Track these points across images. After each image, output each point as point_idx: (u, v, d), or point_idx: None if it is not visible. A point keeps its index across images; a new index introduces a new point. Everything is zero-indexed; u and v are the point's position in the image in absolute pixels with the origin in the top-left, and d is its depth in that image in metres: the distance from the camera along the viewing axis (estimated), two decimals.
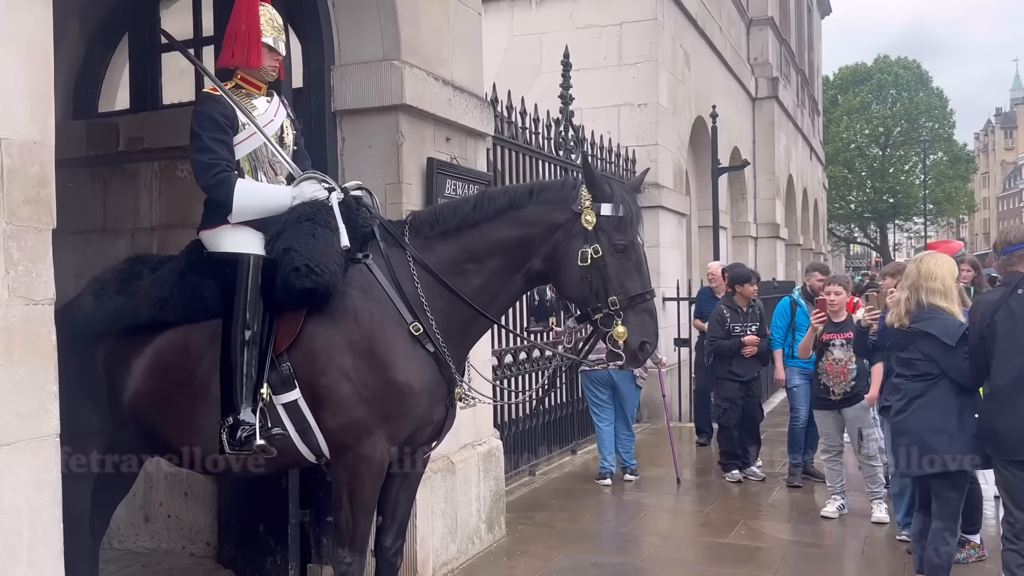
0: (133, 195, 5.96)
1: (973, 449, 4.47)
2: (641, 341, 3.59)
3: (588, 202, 3.63)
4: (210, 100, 3.77)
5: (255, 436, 3.52)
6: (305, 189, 3.77)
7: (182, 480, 5.65)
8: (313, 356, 3.63)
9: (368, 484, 3.63)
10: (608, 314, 3.59)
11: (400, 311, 3.65)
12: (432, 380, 3.68)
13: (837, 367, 6.62)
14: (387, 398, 3.58)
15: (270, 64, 3.91)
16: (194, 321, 3.77)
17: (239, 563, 5.23)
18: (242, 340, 3.57)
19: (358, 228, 3.77)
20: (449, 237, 3.75)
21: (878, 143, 55.18)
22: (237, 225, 3.74)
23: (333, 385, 3.59)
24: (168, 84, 6.09)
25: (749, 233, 17.87)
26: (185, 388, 3.74)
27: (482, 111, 5.98)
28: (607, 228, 3.61)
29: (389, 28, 5.08)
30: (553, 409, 8.77)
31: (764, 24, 19.43)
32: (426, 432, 3.78)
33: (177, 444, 3.79)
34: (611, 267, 3.58)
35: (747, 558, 5.91)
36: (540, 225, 3.69)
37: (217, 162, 3.66)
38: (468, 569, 5.55)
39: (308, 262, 3.49)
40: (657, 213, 11.25)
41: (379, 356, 3.60)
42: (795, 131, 23.06)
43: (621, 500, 7.53)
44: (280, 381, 3.64)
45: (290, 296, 3.56)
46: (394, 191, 5.06)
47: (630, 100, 11.61)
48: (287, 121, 4.04)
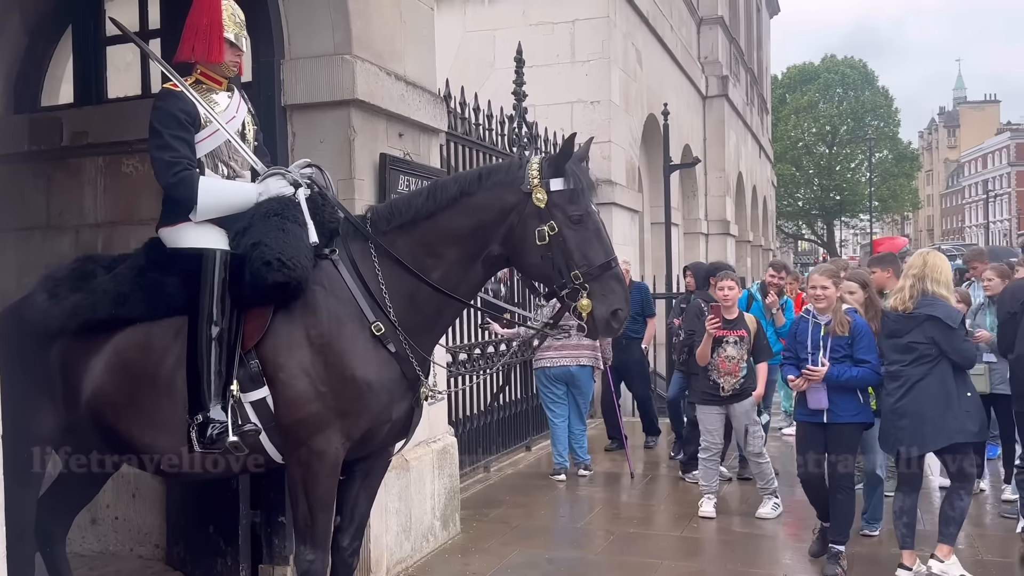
0: (77, 191, 5.84)
1: (971, 422, 5.03)
2: (612, 308, 3.53)
3: (537, 180, 3.57)
4: (171, 96, 3.68)
5: (227, 433, 3.46)
6: (271, 185, 3.71)
7: (130, 481, 5.54)
8: (279, 353, 3.58)
9: (323, 479, 3.58)
10: (574, 288, 3.53)
11: (362, 309, 3.61)
12: (393, 378, 3.63)
13: (730, 364, 6.60)
14: (344, 394, 3.54)
15: (231, 60, 3.84)
16: (156, 318, 3.69)
17: (189, 565, 5.15)
18: (209, 337, 3.51)
19: (325, 223, 3.73)
20: (406, 231, 3.70)
21: (825, 141, 56.19)
22: (200, 222, 3.67)
23: (291, 380, 3.55)
24: (113, 78, 5.97)
25: (700, 230, 18.07)
26: (148, 385, 3.67)
27: (435, 107, 5.95)
28: (560, 202, 3.55)
29: (340, 22, 5.03)
30: (507, 406, 8.77)
31: (714, 23, 19.64)
32: (384, 429, 3.73)
33: (140, 443, 3.70)
34: (570, 240, 3.52)
35: (700, 551, 5.97)
36: (492, 210, 3.63)
37: (178, 160, 3.59)
38: (423, 567, 5.53)
39: (280, 256, 3.44)
40: (610, 210, 11.30)
41: (337, 352, 3.56)
42: (745, 129, 23.36)
43: (575, 495, 7.56)
44: (248, 378, 3.58)
45: (260, 290, 3.50)
46: (346, 187, 5.01)
47: (583, 97, 11.66)
48: (248, 117, 3.98)
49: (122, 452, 3.85)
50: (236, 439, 3.49)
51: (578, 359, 7.89)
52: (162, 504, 5.46)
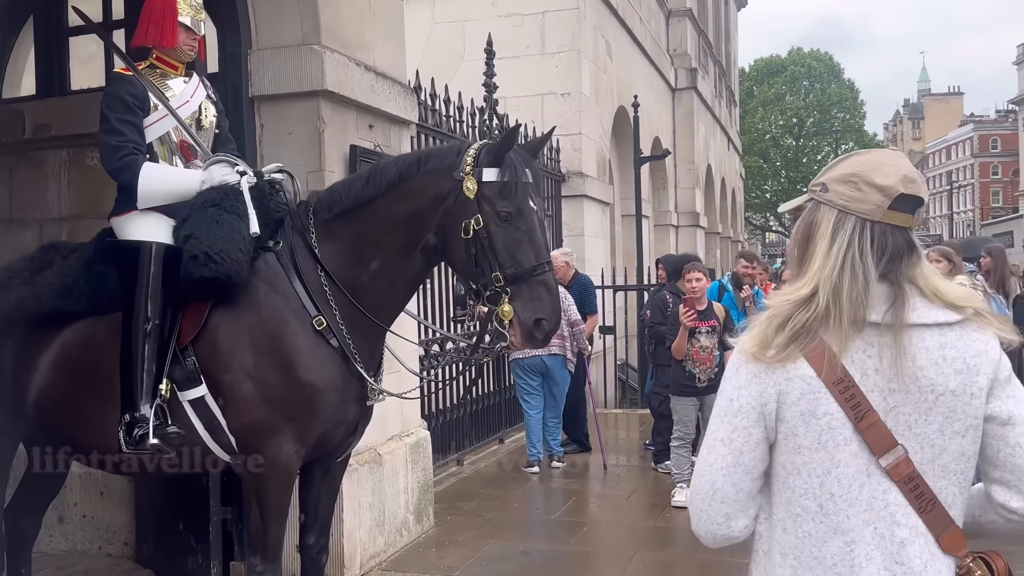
0: (41, 184, 5.74)
1: None
2: (536, 317, 3.23)
3: (470, 168, 3.32)
4: (120, 80, 3.60)
5: (149, 435, 3.34)
6: (215, 173, 3.57)
7: (97, 479, 5.46)
8: (217, 351, 3.45)
9: (276, 488, 3.45)
10: (496, 291, 3.27)
11: (304, 304, 3.46)
12: (339, 377, 3.48)
13: (703, 354, 6.63)
14: (291, 398, 3.40)
15: (187, 44, 3.74)
16: (101, 312, 3.58)
17: (159, 562, 5.09)
18: (143, 332, 3.39)
19: (270, 214, 3.58)
20: (346, 218, 3.52)
21: (792, 134, 56.70)
22: (147, 211, 3.56)
23: (236, 384, 3.41)
24: (77, 69, 5.87)
25: (670, 222, 18.13)
26: (89, 383, 3.57)
27: (405, 98, 5.90)
28: (489, 195, 3.28)
29: (308, 11, 4.96)
30: (481, 399, 8.75)
31: (683, 15, 19.69)
32: (339, 432, 3.60)
33: (83, 442, 3.62)
34: (496, 238, 3.26)
35: (672, 540, 6.00)
36: (428, 196, 3.40)
37: (124, 145, 3.49)
38: (396, 561, 5.50)
39: (207, 250, 3.30)
40: (581, 202, 11.31)
41: (281, 353, 3.41)
42: (713, 122, 23.47)
43: (549, 487, 7.57)
44: (185, 377, 3.45)
45: (191, 285, 3.37)
46: (316, 179, 4.95)
47: (553, 89, 11.64)
48: (207, 102, 3.86)
49: (74, 452, 3.75)
50: (157, 441, 3.35)
51: (549, 348, 7.80)
52: (131, 501, 5.39)
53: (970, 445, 1.66)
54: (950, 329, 1.66)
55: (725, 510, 1.72)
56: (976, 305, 1.68)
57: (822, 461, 1.65)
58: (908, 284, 1.68)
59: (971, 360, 1.64)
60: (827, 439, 1.64)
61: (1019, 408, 1.67)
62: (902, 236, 1.69)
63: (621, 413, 11.31)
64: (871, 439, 1.63)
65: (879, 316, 1.65)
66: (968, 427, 1.65)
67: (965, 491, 1.68)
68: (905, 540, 1.64)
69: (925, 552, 1.64)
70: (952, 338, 1.65)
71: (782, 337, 1.67)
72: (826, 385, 1.63)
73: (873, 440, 1.63)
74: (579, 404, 8.85)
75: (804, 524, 1.68)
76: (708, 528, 1.75)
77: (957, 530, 1.66)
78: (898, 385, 1.63)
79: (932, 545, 1.64)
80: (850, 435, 1.64)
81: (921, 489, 1.63)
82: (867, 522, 1.64)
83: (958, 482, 1.66)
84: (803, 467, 1.67)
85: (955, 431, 1.64)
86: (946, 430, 1.64)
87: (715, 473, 1.72)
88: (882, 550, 1.64)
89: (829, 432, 1.64)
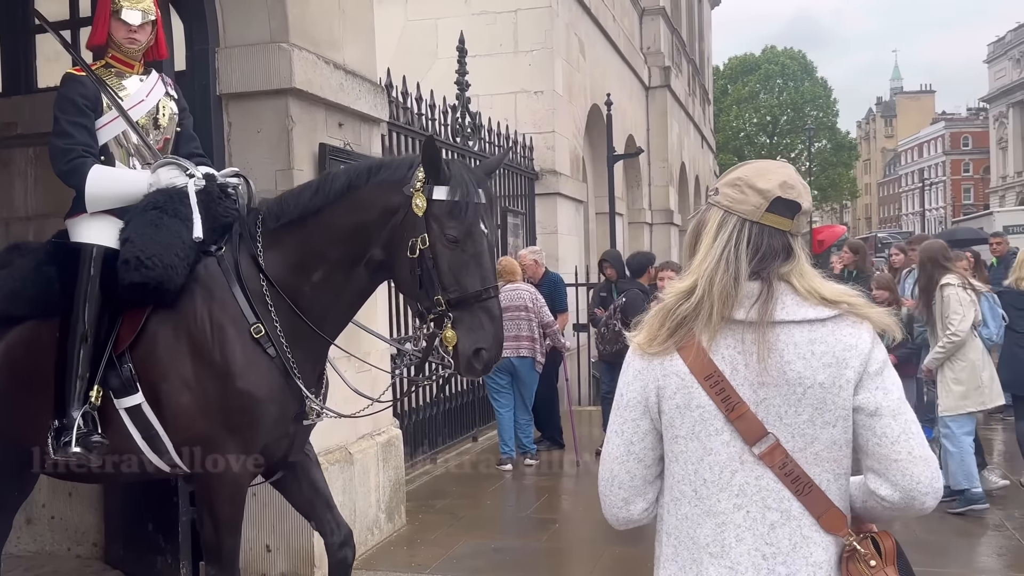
0: (7, 183, 5.68)
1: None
2: (475, 347, 3.13)
3: (420, 184, 3.18)
4: (72, 81, 3.54)
5: (71, 443, 3.28)
6: (162, 176, 3.49)
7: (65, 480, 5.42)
8: (154, 359, 3.38)
9: (226, 500, 3.39)
10: (440, 314, 3.16)
11: (243, 311, 3.36)
12: (279, 388, 3.37)
13: None
14: (229, 409, 3.32)
15: (125, 37, 3.62)
16: (46, 315, 3.53)
17: (128, 563, 5.06)
18: (79, 336, 3.34)
19: (218, 219, 3.48)
20: (293, 227, 3.41)
21: (766, 132, 57.10)
22: (98, 214, 3.51)
23: (174, 394, 3.34)
24: (43, 67, 5.80)
25: (644, 219, 18.20)
26: (30, 387, 3.51)
27: (376, 96, 5.89)
28: (439, 214, 3.15)
29: (276, 8, 4.94)
30: (453, 397, 8.76)
31: (656, 13, 19.76)
32: (283, 444, 3.50)
33: (27, 445, 3.54)
34: (442, 260, 3.14)
35: (644, 537, 6.01)
36: (375, 209, 3.28)
37: (72, 147, 3.44)
38: (367, 560, 5.49)
39: (139, 254, 3.23)
40: (555, 200, 11.33)
41: (218, 363, 3.32)
42: (687, 120, 23.57)
43: (522, 484, 7.59)
44: (121, 384, 3.38)
45: (124, 290, 3.31)
46: (285, 177, 4.94)
47: (526, 87, 11.64)
48: (165, 99, 3.77)
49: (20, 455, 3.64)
50: (79, 449, 3.29)
51: (518, 350, 7.83)
52: (99, 502, 5.35)
53: (841, 434, 1.76)
54: (822, 325, 1.75)
55: (623, 495, 1.91)
56: (850, 300, 1.77)
57: (696, 450, 1.79)
58: (780, 282, 1.77)
59: (840, 354, 1.73)
60: (700, 429, 1.77)
61: (887, 400, 1.75)
62: (779, 238, 1.79)
63: (595, 410, 11.31)
64: (742, 429, 1.75)
65: (745, 313, 1.75)
66: (838, 417, 1.74)
67: (842, 476, 1.78)
68: (775, 523, 1.75)
69: (796, 534, 1.75)
70: (823, 333, 1.74)
71: (664, 330, 1.79)
72: (697, 380, 1.75)
73: (744, 430, 1.75)
74: (553, 402, 8.87)
75: (682, 507, 1.83)
76: (610, 512, 1.95)
77: (836, 510, 1.76)
78: (767, 379, 1.73)
79: (807, 528, 1.75)
80: (722, 425, 1.76)
81: (796, 474, 1.74)
82: (738, 506, 1.76)
83: (832, 468, 1.76)
84: (680, 455, 1.81)
85: (825, 421, 1.74)
86: (816, 420, 1.74)
87: (612, 462, 1.89)
88: (753, 532, 1.76)
89: (702, 423, 1.77)
